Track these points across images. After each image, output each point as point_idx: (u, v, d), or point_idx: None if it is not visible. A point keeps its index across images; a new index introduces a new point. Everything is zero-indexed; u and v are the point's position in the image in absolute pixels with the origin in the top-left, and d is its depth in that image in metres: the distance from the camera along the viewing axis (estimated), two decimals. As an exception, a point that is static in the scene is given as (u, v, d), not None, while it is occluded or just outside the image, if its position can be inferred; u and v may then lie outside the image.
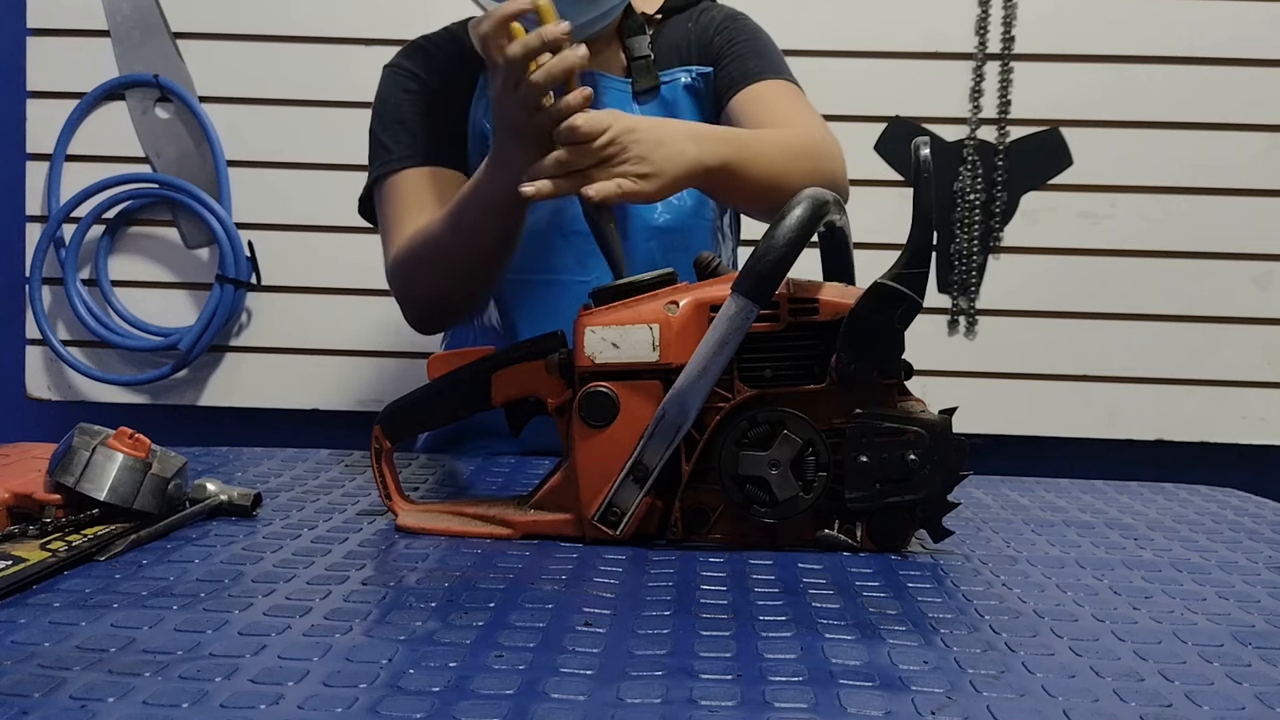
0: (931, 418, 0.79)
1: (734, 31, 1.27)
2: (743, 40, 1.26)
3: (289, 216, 1.89)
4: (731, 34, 1.27)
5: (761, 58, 1.25)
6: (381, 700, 0.52)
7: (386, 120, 1.24)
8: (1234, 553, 0.86)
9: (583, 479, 0.81)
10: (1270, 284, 1.86)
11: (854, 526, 0.81)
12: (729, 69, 1.24)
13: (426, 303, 1.21)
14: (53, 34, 1.88)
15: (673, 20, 1.28)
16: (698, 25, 1.28)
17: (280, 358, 1.93)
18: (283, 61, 1.87)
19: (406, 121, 1.23)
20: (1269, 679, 0.59)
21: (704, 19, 1.28)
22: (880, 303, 0.78)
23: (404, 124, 1.23)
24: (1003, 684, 0.57)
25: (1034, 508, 1.00)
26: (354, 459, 1.11)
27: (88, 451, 0.79)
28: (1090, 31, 1.84)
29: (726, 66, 1.24)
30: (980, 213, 1.87)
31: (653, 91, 1.22)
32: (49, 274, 1.89)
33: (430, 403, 0.88)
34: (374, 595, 0.68)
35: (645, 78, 1.22)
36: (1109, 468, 1.60)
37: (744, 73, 1.23)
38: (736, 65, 1.24)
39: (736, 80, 1.23)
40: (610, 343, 0.80)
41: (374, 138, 1.25)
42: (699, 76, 1.24)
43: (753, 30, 1.29)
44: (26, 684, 0.52)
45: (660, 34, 1.26)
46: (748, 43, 1.26)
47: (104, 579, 0.70)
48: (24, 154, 1.91)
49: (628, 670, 0.57)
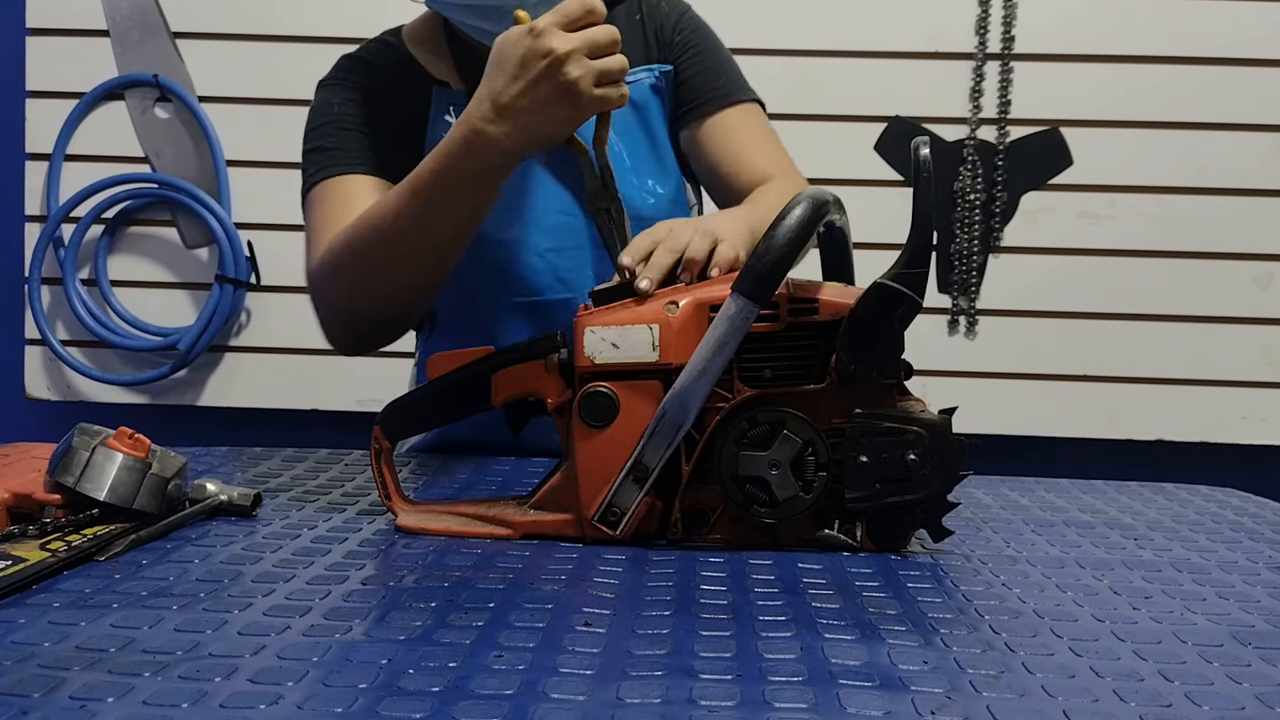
0: (931, 418, 0.79)
1: (691, 33, 1.25)
2: (703, 48, 1.25)
3: (289, 216, 1.89)
4: (689, 35, 1.25)
5: (726, 72, 1.24)
6: (381, 700, 0.52)
7: (329, 128, 1.17)
8: (1234, 553, 0.86)
9: (583, 479, 0.81)
10: (1270, 284, 1.86)
11: (854, 526, 0.81)
12: (695, 82, 1.23)
13: (361, 305, 1.10)
14: (52, 34, 1.88)
15: (612, 13, 1.17)
16: (649, 19, 1.25)
17: (280, 358, 1.93)
18: (283, 61, 1.87)
19: (351, 129, 1.17)
20: (1269, 679, 0.59)
21: (654, 14, 1.26)
22: (880, 303, 0.78)
23: (348, 131, 1.17)
24: (1003, 684, 0.57)
25: (1034, 508, 1.00)
26: (354, 459, 1.11)
27: (88, 451, 0.79)
28: (1090, 31, 1.84)
29: (691, 78, 1.23)
30: (980, 213, 1.87)
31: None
32: (48, 274, 1.89)
33: (430, 403, 0.88)
34: (374, 595, 0.68)
35: None
36: (1109, 468, 1.60)
37: (713, 93, 1.22)
38: (703, 81, 1.23)
39: (705, 101, 1.22)
40: (610, 343, 0.80)
41: (312, 145, 1.17)
42: (661, 75, 1.23)
43: (706, 31, 1.27)
44: (26, 684, 0.52)
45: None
46: (709, 52, 1.25)
47: (104, 579, 0.70)
48: (23, 154, 1.91)
49: (628, 670, 0.57)
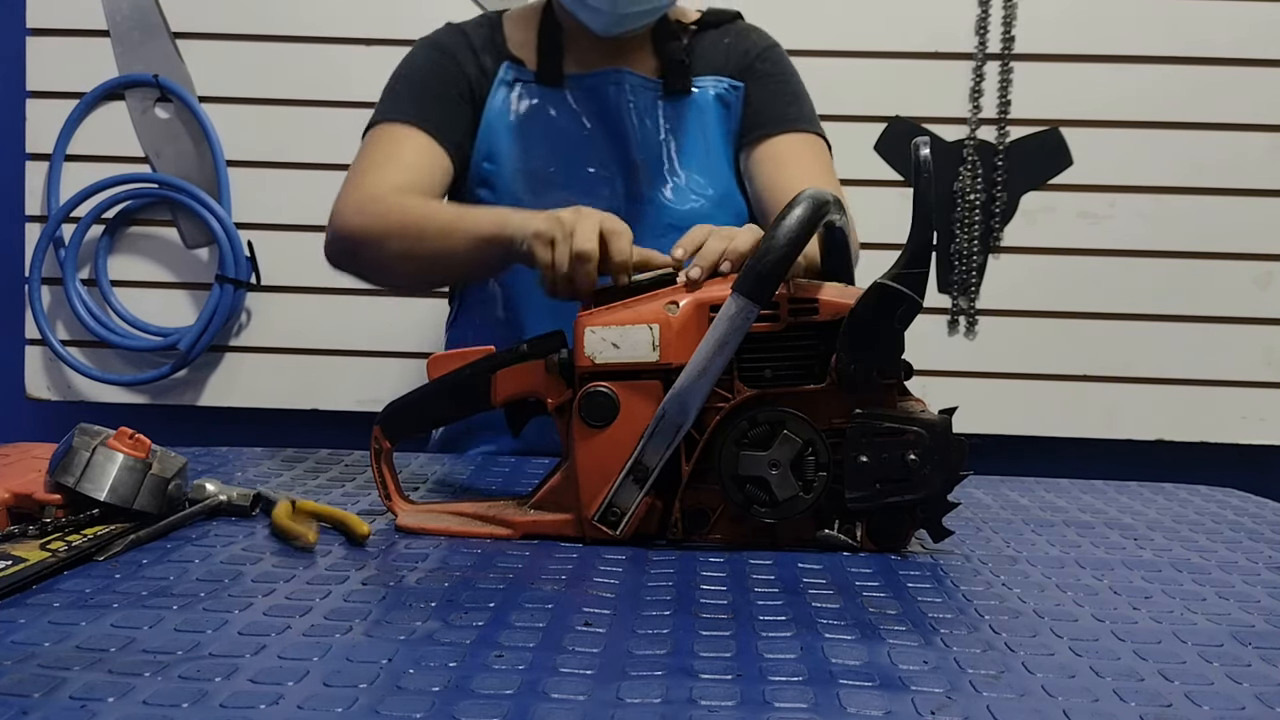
0: (931, 418, 0.79)
1: (775, 62, 1.30)
2: (781, 78, 1.29)
3: (289, 216, 1.89)
4: (774, 64, 1.30)
5: (799, 103, 1.28)
6: (381, 700, 0.52)
7: (409, 79, 1.25)
8: (1234, 553, 0.86)
9: (583, 479, 0.81)
10: (1270, 284, 1.86)
11: (854, 526, 0.81)
12: (763, 105, 1.27)
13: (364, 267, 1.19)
14: (52, 34, 1.88)
15: (708, 33, 1.31)
16: (736, 42, 1.30)
17: (280, 358, 1.93)
18: (283, 61, 1.87)
19: (427, 87, 1.24)
20: (1269, 679, 0.59)
21: (743, 39, 1.31)
22: (880, 303, 0.78)
23: (424, 88, 1.24)
24: (1003, 684, 0.57)
25: (1034, 508, 1.00)
26: (354, 459, 1.11)
27: (88, 451, 0.79)
28: (1090, 31, 1.84)
29: (761, 101, 1.27)
30: (980, 213, 1.87)
31: (683, 93, 1.25)
32: (48, 274, 1.89)
33: (430, 403, 0.88)
34: (374, 595, 0.68)
35: (678, 80, 1.25)
36: (1109, 468, 1.60)
37: (779, 117, 1.26)
38: (771, 105, 1.27)
39: (770, 122, 1.26)
40: (610, 343, 0.80)
41: (390, 86, 1.26)
42: (731, 89, 1.27)
43: (788, 66, 1.32)
44: (26, 684, 0.52)
45: (695, 44, 1.29)
46: (785, 82, 1.29)
47: (104, 579, 0.70)
48: (24, 154, 1.91)
49: (628, 670, 0.57)
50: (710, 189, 1.25)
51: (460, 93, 1.25)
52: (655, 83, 1.26)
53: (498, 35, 1.28)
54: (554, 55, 1.24)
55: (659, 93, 1.25)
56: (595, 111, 1.24)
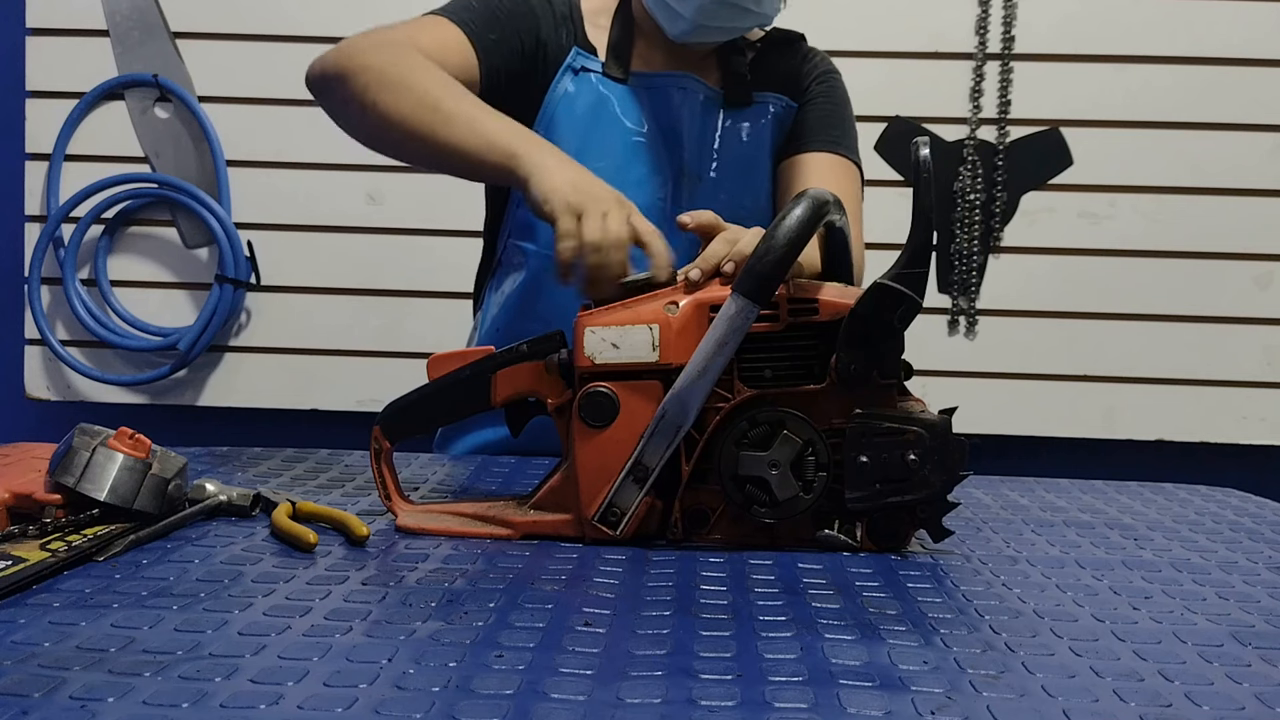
0: (931, 418, 0.79)
1: (832, 87, 1.31)
2: (832, 102, 1.30)
3: (289, 216, 1.89)
4: (829, 89, 1.31)
5: (843, 129, 1.29)
6: (381, 700, 0.52)
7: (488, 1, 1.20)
8: (1234, 553, 0.86)
9: (583, 479, 0.81)
10: (1270, 284, 1.86)
11: (854, 526, 0.81)
12: (807, 124, 1.28)
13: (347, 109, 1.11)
14: (52, 34, 1.88)
15: (772, 50, 1.32)
16: (799, 64, 1.31)
17: (280, 358, 1.93)
18: (283, 61, 1.87)
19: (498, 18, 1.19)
20: (1269, 679, 0.59)
21: (805, 62, 1.32)
22: (880, 303, 0.78)
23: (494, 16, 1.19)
24: (1003, 684, 0.57)
25: (1034, 508, 1.00)
26: (354, 459, 1.11)
27: (88, 452, 0.79)
28: (1091, 32, 1.84)
29: (806, 120, 1.28)
30: (980, 213, 1.87)
31: (744, 105, 1.27)
32: (48, 274, 1.89)
33: (430, 403, 0.88)
34: (374, 595, 0.68)
35: (740, 93, 1.27)
36: (1109, 468, 1.60)
37: (820, 137, 1.27)
38: (814, 125, 1.28)
39: (808, 137, 1.27)
40: (610, 343, 0.80)
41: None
42: (786, 108, 1.29)
43: (842, 93, 1.33)
44: (26, 684, 0.52)
45: (758, 59, 1.30)
46: (835, 107, 1.30)
47: (104, 579, 0.70)
48: (23, 154, 1.91)
49: (628, 670, 0.57)
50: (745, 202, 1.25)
51: (525, 45, 1.21)
52: (717, 93, 1.26)
53: (576, 14, 1.26)
54: (626, 50, 1.24)
55: (720, 103, 1.26)
56: (656, 113, 1.24)
